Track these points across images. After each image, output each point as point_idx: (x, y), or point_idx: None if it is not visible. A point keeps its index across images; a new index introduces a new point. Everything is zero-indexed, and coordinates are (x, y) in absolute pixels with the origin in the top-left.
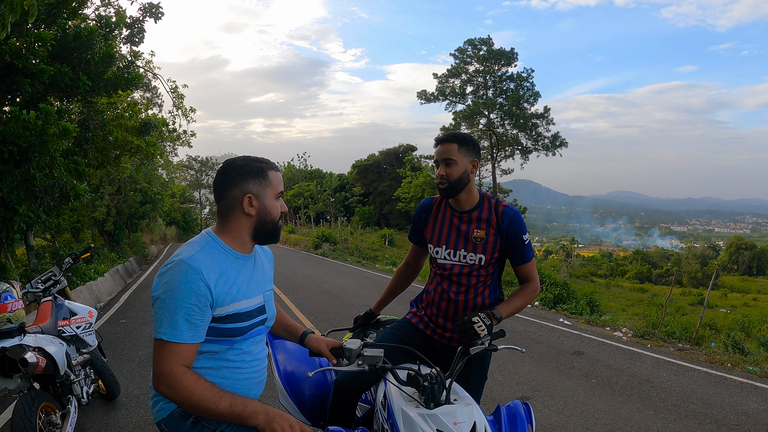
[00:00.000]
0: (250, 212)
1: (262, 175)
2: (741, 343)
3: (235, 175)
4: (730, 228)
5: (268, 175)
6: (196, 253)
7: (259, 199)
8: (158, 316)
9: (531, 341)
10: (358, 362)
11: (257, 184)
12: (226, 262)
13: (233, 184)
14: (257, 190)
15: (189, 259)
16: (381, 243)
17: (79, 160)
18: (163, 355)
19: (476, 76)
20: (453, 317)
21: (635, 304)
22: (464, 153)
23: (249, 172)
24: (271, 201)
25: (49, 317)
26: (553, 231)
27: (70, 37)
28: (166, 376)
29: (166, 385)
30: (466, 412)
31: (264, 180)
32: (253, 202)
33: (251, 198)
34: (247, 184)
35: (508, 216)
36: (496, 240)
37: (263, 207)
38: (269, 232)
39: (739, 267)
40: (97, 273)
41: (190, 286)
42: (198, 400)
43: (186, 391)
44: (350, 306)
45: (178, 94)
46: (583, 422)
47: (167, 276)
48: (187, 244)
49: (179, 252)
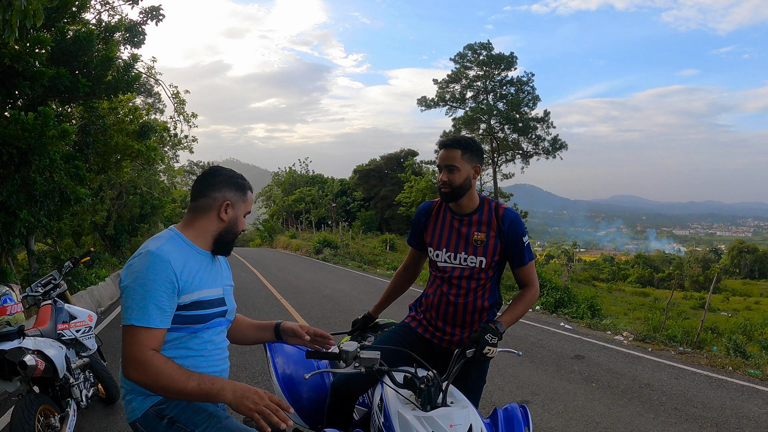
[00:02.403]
0: (223, 218)
1: (242, 191)
2: (743, 346)
3: (222, 181)
4: (732, 231)
5: (246, 193)
6: (163, 245)
7: (234, 209)
8: (128, 304)
9: (531, 345)
10: (354, 364)
11: (237, 196)
12: (189, 255)
13: (218, 188)
14: (235, 201)
15: (157, 249)
16: (382, 248)
17: (80, 164)
18: (134, 341)
19: (476, 80)
20: (452, 320)
21: (637, 308)
22: (467, 159)
23: (233, 183)
24: (241, 216)
25: (49, 321)
26: (555, 235)
27: (69, 40)
28: (137, 361)
29: (137, 369)
30: (462, 415)
31: (243, 195)
32: (228, 210)
33: (228, 205)
34: (230, 192)
35: (508, 218)
36: (496, 243)
37: (234, 217)
38: (229, 242)
39: (741, 270)
40: (98, 277)
41: (160, 274)
42: (167, 382)
43: (155, 373)
44: (351, 311)
45: (179, 100)
46: (583, 426)
47: (136, 266)
48: (153, 239)
49: (146, 245)
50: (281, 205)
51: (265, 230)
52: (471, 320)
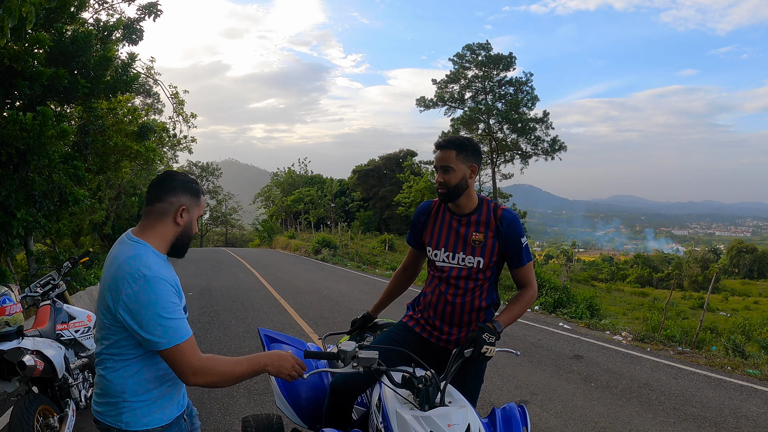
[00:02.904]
0: (179, 222)
1: (196, 195)
2: (741, 346)
3: (178, 186)
4: (730, 231)
5: (200, 198)
6: (149, 264)
7: (189, 214)
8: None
9: (530, 345)
10: (353, 364)
11: (191, 201)
12: (162, 265)
13: (174, 193)
14: (190, 205)
15: (151, 273)
16: (381, 248)
17: (79, 165)
18: (189, 354)
19: (475, 81)
20: (450, 320)
21: (636, 308)
22: (462, 159)
23: (188, 188)
24: (194, 220)
25: (48, 321)
26: (553, 235)
27: (67, 40)
28: (198, 369)
29: (203, 376)
30: (460, 414)
31: (197, 200)
32: (183, 215)
33: (184, 210)
34: (185, 197)
35: (506, 219)
36: (494, 243)
37: (189, 222)
38: (183, 245)
39: (740, 270)
40: (98, 278)
41: (167, 292)
42: (228, 373)
43: (217, 372)
44: (350, 311)
45: (178, 100)
46: (582, 426)
47: (147, 294)
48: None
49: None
50: (280, 206)
51: (264, 231)
52: (468, 320)
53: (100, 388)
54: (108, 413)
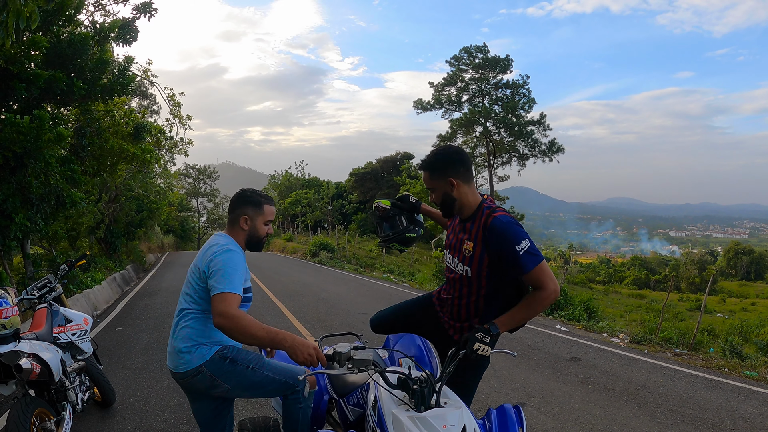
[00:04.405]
0: (243, 227)
1: (258, 206)
2: (739, 347)
3: (241, 201)
4: (727, 233)
5: (263, 207)
6: (233, 246)
7: (252, 221)
8: (224, 278)
9: (527, 347)
10: (348, 365)
11: (254, 211)
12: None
13: (239, 207)
14: (252, 215)
15: (237, 248)
16: (378, 251)
17: (76, 167)
18: (229, 302)
19: (472, 83)
20: (449, 316)
21: (633, 310)
22: (437, 177)
23: (250, 201)
24: (260, 224)
25: (45, 324)
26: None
27: (64, 43)
28: (229, 315)
29: (230, 320)
30: (455, 415)
31: (259, 209)
32: (247, 222)
33: (247, 218)
34: (248, 208)
35: (495, 231)
36: (482, 255)
37: (253, 227)
38: (255, 244)
39: (737, 272)
40: (94, 281)
41: (243, 264)
42: (248, 329)
43: (242, 324)
44: (347, 313)
45: (174, 102)
46: (579, 428)
47: (228, 256)
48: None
49: (226, 242)
50: (277, 209)
51: None
52: (467, 317)
53: (184, 336)
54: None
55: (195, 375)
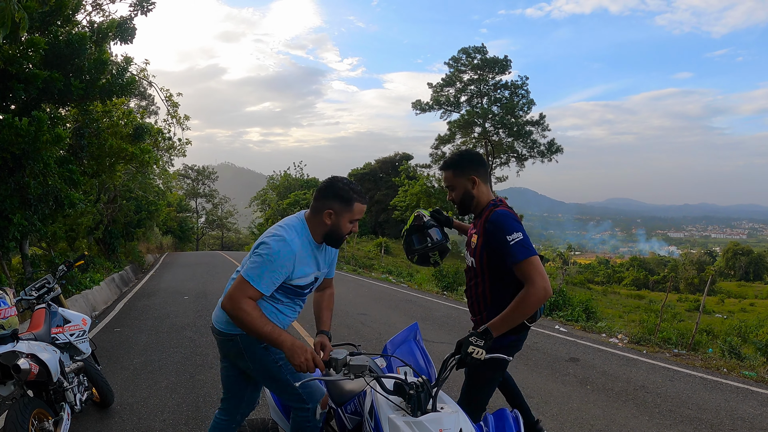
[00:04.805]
0: (326, 221)
1: (347, 203)
2: (737, 348)
3: (330, 193)
4: (726, 234)
5: (352, 205)
6: (297, 238)
7: (337, 217)
8: (253, 264)
9: (526, 348)
10: (344, 371)
11: (341, 207)
12: (306, 244)
13: (325, 198)
14: (339, 210)
15: (292, 242)
16: (377, 251)
17: (74, 168)
18: (242, 287)
19: (470, 84)
20: (471, 312)
21: (632, 311)
22: (459, 175)
23: (340, 196)
24: (345, 222)
25: (43, 324)
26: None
27: (62, 43)
28: (235, 298)
29: (232, 303)
30: (452, 420)
31: (348, 206)
32: (332, 217)
33: (332, 213)
34: (335, 203)
35: (490, 222)
36: (483, 246)
37: (336, 223)
38: (334, 240)
39: (735, 273)
40: (93, 281)
41: (284, 262)
42: (249, 320)
43: (244, 311)
44: (346, 314)
45: (172, 103)
46: (578, 428)
47: (273, 245)
48: (290, 228)
49: (284, 230)
50: (276, 209)
51: (260, 234)
52: (478, 310)
53: None
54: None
55: (229, 340)
